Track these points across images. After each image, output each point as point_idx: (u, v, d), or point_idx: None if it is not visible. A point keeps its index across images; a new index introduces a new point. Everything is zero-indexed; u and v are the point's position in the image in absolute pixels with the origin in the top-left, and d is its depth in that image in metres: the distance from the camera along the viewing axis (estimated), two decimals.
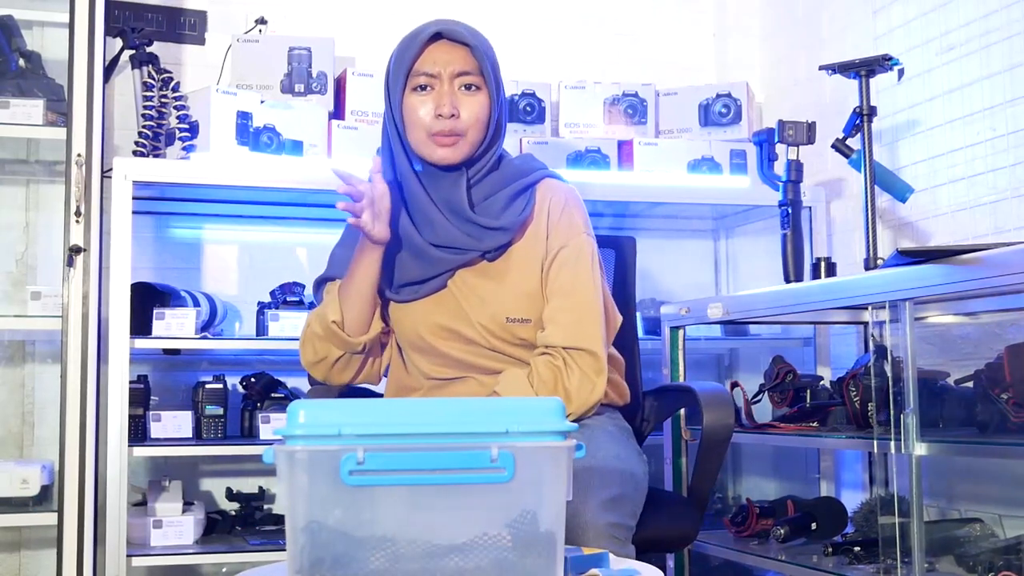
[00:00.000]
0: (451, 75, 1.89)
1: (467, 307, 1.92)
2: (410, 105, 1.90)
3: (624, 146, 3.38)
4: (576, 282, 1.93)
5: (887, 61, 2.78)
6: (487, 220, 1.91)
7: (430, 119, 1.89)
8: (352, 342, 1.92)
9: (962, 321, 2.70)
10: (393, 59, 1.94)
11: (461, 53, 1.90)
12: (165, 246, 3.33)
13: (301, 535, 1.19)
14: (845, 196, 3.33)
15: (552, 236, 1.96)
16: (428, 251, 1.91)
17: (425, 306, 1.95)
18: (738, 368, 3.76)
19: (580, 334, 1.89)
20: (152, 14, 3.38)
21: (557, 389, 1.87)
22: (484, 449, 1.21)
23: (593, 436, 1.89)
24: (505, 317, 1.91)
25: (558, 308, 1.92)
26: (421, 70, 1.89)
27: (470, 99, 1.90)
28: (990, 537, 2.47)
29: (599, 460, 1.82)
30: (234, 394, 3.14)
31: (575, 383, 1.87)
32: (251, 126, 3.04)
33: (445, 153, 1.90)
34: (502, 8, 3.66)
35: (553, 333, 1.90)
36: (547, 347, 1.91)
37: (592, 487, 1.75)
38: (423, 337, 1.95)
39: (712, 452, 1.97)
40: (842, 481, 3.28)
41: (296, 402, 1.23)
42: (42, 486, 2.78)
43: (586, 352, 1.88)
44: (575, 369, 1.87)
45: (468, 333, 1.92)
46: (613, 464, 1.83)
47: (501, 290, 1.93)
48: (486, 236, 1.91)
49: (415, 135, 1.91)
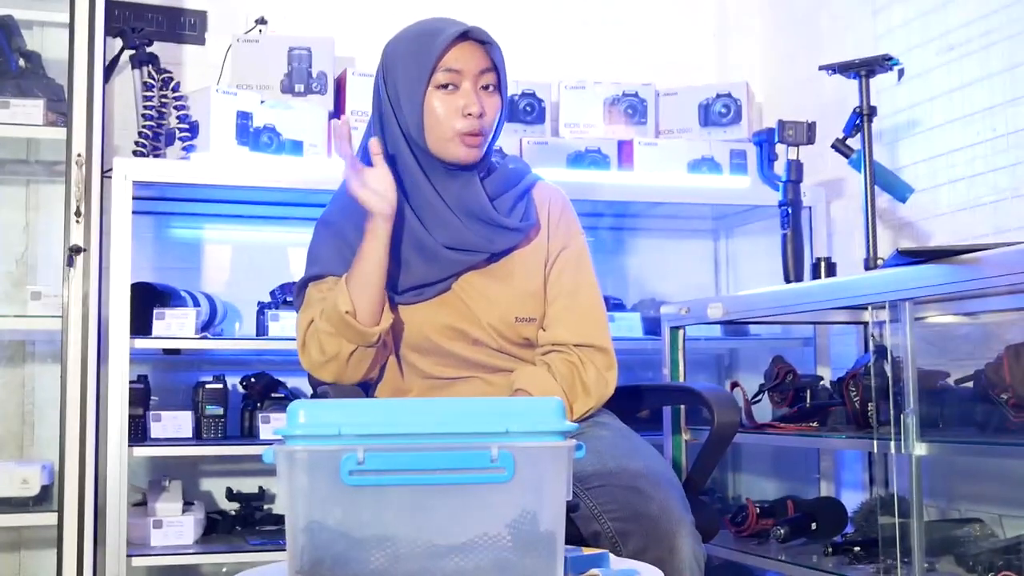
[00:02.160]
0: (475, 75, 1.87)
1: (475, 308, 1.91)
2: (433, 104, 1.86)
3: (624, 146, 3.38)
4: (580, 282, 1.97)
5: (887, 61, 2.78)
6: (508, 220, 1.90)
7: (457, 118, 1.86)
8: (368, 332, 1.83)
9: (962, 321, 2.70)
10: (408, 57, 1.88)
11: (483, 52, 1.89)
12: (165, 246, 3.33)
13: (301, 535, 1.19)
14: (845, 196, 3.33)
15: (553, 238, 1.98)
16: (440, 253, 1.88)
17: (430, 308, 1.93)
18: (738, 368, 3.76)
19: (589, 332, 1.94)
20: (152, 14, 3.38)
21: (575, 384, 1.91)
22: (484, 449, 1.21)
23: (629, 436, 1.91)
24: (514, 317, 1.93)
25: (565, 308, 1.94)
26: (447, 67, 1.86)
27: (490, 99, 1.89)
28: (990, 537, 2.47)
29: (655, 459, 1.85)
30: (234, 394, 3.14)
31: (592, 378, 1.92)
32: (251, 126, 3.04)
33: (470, 153, 1.87)
34: (502, 8, 3.65)
35: (562, 332, 1.93)
36: (556, 345, 1.93)
37: (668, 485, 1.75)
38: (429, 338, 1.93)
39: (716, 451, 1.98)
40: (842, 481, 3.28)
41: (296, 402, 1.23)
42: (42, 486, 2.78)
43: (596, 349, 1.94)
44: (589, 365, 1.92)
45: (476, 334, 1.92)
46: (666, 466, 1.87)
47: (508, 290, 1.93)
48: (500, 237, 1.91)
49: (437, 133, 1.87)
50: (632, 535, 1.68)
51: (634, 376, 1.99)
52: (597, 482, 1.75)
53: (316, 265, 1.95)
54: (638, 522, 1.68)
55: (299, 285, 1.97)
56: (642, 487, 1.71)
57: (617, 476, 1.75)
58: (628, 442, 1.88)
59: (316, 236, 1.99)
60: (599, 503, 1.73)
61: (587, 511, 1.73)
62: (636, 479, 1.73)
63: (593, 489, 1.74)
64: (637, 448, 1.87)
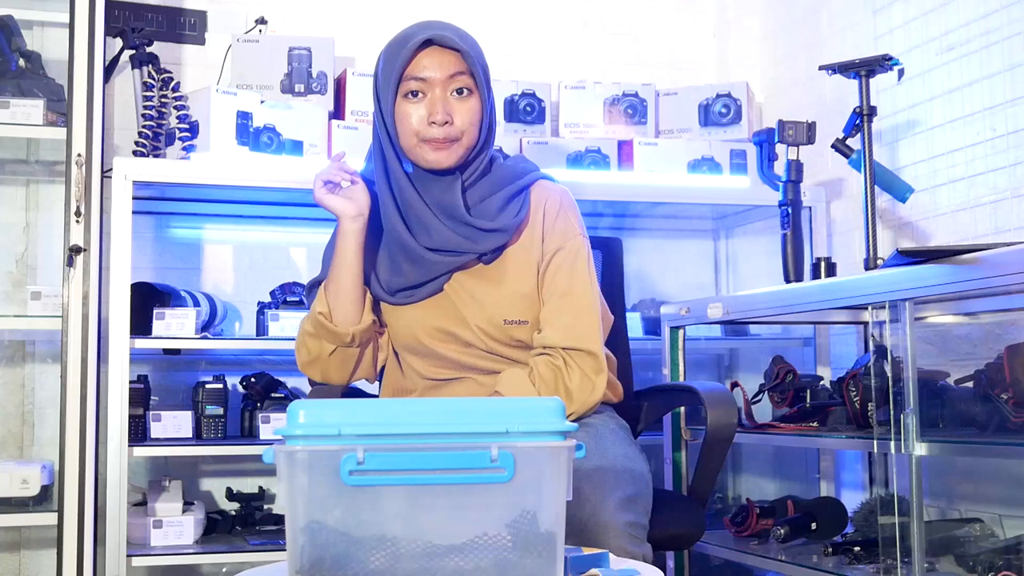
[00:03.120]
0: (443, 81, 1.87)
1: (464, 310, 1.92)
2: (402, 112, 1.88)
3: (624, 146, 3.38)
4: (573, 284, 1.94)
5: (887, 61, 2.78)
6: (483, 222, 1.90)
7: (423, 126, 1.87)
8: (340, 333, 1.90)
9: (962, 321, 2.70)
10: (381, 64, 1.92)
11: (452, 58, 1.87)
12: (165, 246, 3.33)
13: (301, 535, 1.19)
14: (845, 196, 3.33)
15: (548, 239, 1.96)
16: (423, 255, 1.90)
17: (421, 309, 1.95)
18: (738, 368, 3.76)
19: (579, 335, 1.90)
20: (152, 14, 3.38)
21: (558, 388, 1.88)
22: (484, 449, 1.21)
23: (599, 436, 1.89)
24: (503, 319, 1.92)
25: (556, 310, 1.92)
26: (412, 75, 1.87)
27: (462, 104, 1.88)
28: (990, 537, 2.47)
29: (610, 460, 1.83)
30: (234, 394, 3.14)
31: (576, 383, 1.88)
32: (251, 126, 3.04)
33: (439, 156, 1.88)
34: (502, 8, 3.66)
35: (552, 334, 1.91)
36: (546, 348, 1.91)
37: (607, 487, 1.75)
38: (420, 340, 1.95)
39: (715, 451, 1.98)
40: (842, 481, 3.28)
41: (296, 402, 1.23)
42: (42, 486, 2.78)
43: (585, 352, 1.90)
44: (575, 369, 1.89)
45: (465, 336, 1.92)
46: (624, 464, 1.84)
47: (498, 292, 1.93)
48: (482, 238, 1.90)
49: (407, 141, 1.89)
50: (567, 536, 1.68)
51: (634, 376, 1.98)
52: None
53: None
54: (569, 524, 1.67)
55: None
56: (583, 488, 1.72)
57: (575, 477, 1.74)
58: (597, 442, 1.87)
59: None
60: None
61: None
62: (581, 480, 1.73)
63: None
64: (605, 448, 1.86)
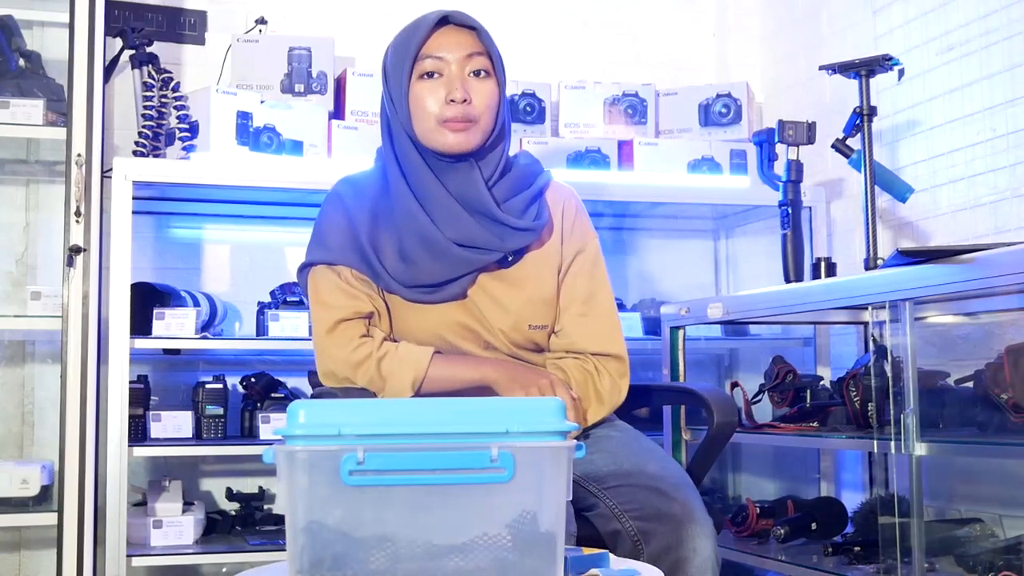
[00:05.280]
0: (460, 60, 1.81)
1: (488, 314, 1.88)
2: (417, 93, 1.82)
3: (624, 146, 3.38)
4: (595, 287, 1.95)
5: (887, 61, 2.77)
6: (514, 220, 1.84)
7: (440, 106, 1.80)
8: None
9: (962, 321, 2.70)
10: (394, 48, 1.86)
11: (469, 38, 1.83)
12: (165, 246, 3.33)
13: (301, 535, 1.19)
14: (845, 196, 3.33)
15: (568, 241, 1.94)
16: (451, 249, 1.82)
17: (444, 309, 1.88)
18: (738, 368, 3.76)
19: (607, 340, 1.92)
20: (152, 14, 3.38)
21: (589, 392, 1.90)
22: (484, 449, 1.21)
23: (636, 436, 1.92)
24: (528, 324, 1.90)
25: (581, 315, 1.92)
26: (428, 54, 1.81)
27: (481, 85, 1.82)
28: (990, 537, 2.47)
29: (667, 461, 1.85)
30: (234, 394, 3.14)
31: (607, 387, 1.91)
32: (251, 126, 3.04)
33: (458, 139, 1.81)
34: (502, 8, 3.65)
35: (579, 339, 1.91)
36: (572, 352, 1.92)
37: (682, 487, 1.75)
38: (442, 336, 1.88)
39: (713, 450, 1.99)
40: (842, 481, 3.28)
41: (296, 402, 1.22)
42: (42, 486, 2.78)
43: (613, 357, 1.92)
44: (605, 374, 1.91)
45: (487, 337, 1.89)
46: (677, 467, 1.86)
47: (522, 297, 1.89)
48: (512, 237, 1.85)
49: (424, 124, 1.82)
50: (655, 535, 1.68)
51: (634, 376, 1.98)
52: (614, 482, 1.76)
53: (324, 250, 1.88)
54: (660, 522, 1.68)
55: (306, 263, 1.89)
56: (663, 488, 1.72)
57: (635, 477, 1.76)
58: (639, 444, 1.89)
59: (327, 214, 1.91)
60: (619, 503, 1.74)
61: (607, 510, 1.74)
62: (655, 480, 1.74)
63: (611, 489, 1.75)
64: (650, 450, 1.87)
